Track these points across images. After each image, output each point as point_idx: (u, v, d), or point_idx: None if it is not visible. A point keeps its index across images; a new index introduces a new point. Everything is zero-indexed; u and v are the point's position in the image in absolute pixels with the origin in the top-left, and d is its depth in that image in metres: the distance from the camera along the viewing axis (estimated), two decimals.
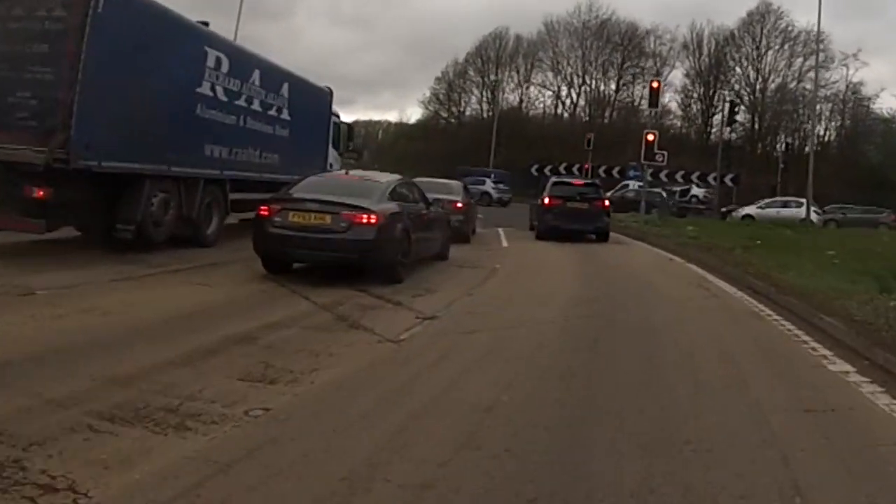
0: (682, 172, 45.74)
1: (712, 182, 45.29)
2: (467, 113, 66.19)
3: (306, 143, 15.52)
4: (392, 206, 9.58)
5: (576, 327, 7.41)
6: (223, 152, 12.19)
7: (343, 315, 7.20)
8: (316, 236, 8.77)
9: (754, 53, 57.37)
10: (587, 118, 60.42)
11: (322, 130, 16.83)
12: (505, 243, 16.95)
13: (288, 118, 14.50)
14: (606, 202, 18.40)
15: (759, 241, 16.80)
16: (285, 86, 14.36)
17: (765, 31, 57.01)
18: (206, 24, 12.04)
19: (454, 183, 17.23)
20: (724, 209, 37.11)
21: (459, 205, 15.27)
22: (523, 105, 64.46)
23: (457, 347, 6.21)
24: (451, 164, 58.07)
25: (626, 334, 7.19)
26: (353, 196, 9.19)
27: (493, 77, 62.77)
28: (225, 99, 12.09)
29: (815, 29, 50.12)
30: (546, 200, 18.00)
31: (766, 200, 32.89)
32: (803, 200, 32.39)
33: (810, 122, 45.89)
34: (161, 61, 10.27)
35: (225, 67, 11.99)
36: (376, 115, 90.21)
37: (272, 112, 13.89)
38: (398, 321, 7.07)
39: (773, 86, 57.27)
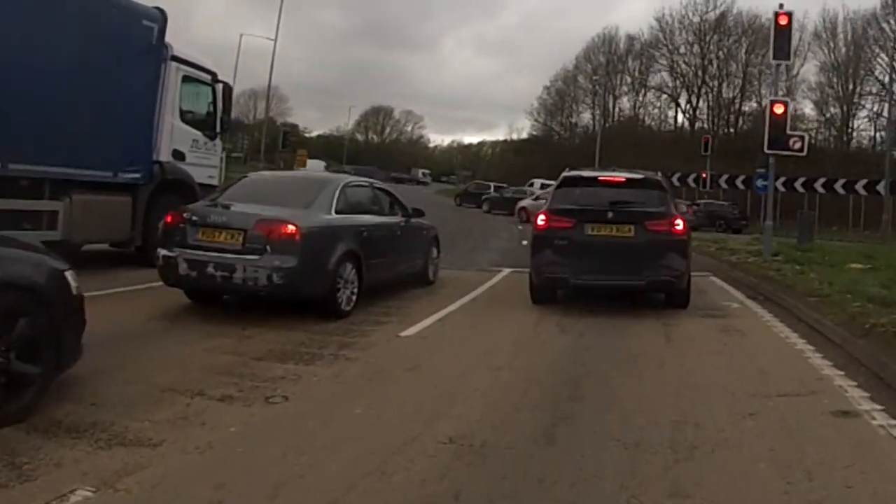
0: (822, 181, 34.98)
1: (861, 191, 34.14)
2: (580, 124, 57.29)
3: (75, 104, 7.94)
4: None
5: None
6: None
7: None
8: None
9: None
10: (711, 125, 49.63)
11: (140, 84, 8.80)
12: (438, 315, 7.10)
13: None
14: (680, 223, 7.69)
15: None
16: None
17: None
18: None
19: (316, 180, 8.15)
20: None
21: (290, 228, 6.33)
22: (638, 111, 54.53)
23: None
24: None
25: None
26: None
27: (595, 77, 53.04)
28: None
29: None
30: (541, 221, 7.81)
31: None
32: None
33: None
34: None
35: None
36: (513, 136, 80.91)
37: None
38: None
39: None
